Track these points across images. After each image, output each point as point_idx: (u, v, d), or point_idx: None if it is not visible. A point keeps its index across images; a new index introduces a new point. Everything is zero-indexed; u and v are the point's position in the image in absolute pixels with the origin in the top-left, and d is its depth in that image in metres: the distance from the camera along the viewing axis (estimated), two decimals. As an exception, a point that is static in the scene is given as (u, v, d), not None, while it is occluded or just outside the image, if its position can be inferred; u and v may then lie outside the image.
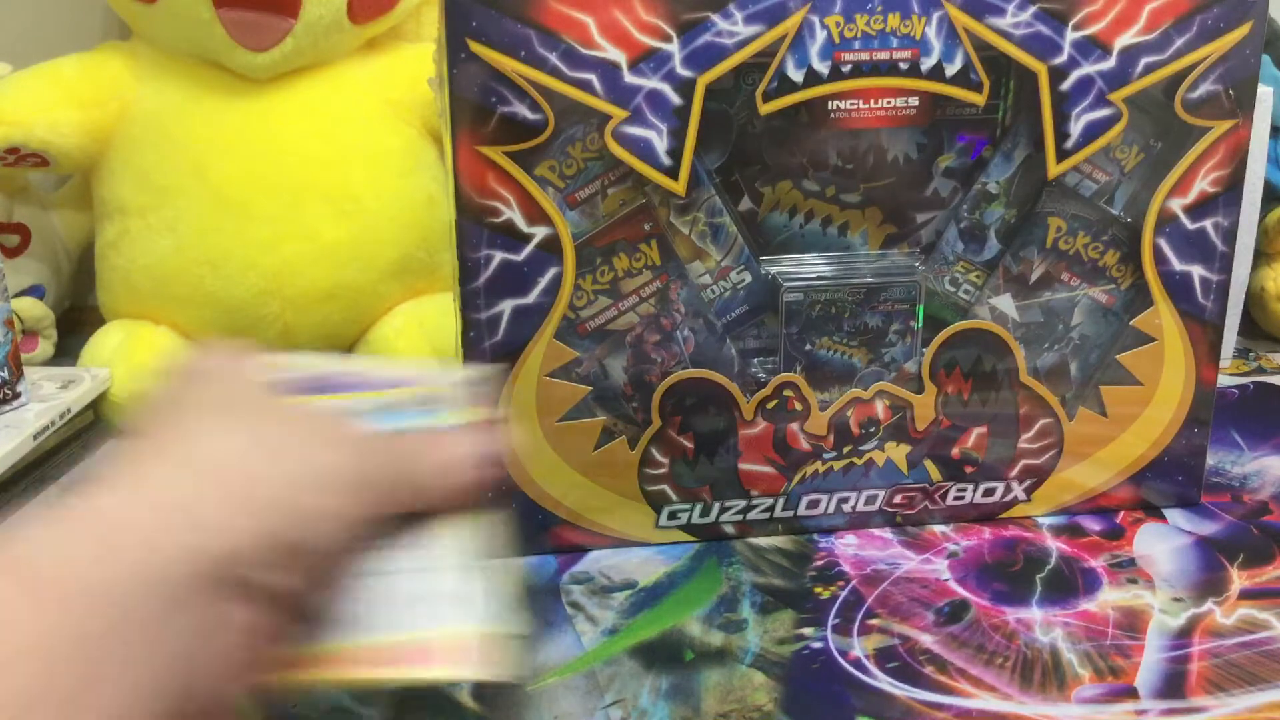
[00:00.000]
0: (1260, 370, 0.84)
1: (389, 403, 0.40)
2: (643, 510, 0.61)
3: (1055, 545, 0.62)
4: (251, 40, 0.74)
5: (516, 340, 0.57)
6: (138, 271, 0.78)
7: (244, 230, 0.76)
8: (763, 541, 0.62)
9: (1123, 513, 0.64)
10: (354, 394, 0.40)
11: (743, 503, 0.61)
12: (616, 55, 0.54)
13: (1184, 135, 0.59)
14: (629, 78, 0.54)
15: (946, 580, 0.59)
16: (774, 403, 0.60)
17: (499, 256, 0.56)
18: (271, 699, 0.34)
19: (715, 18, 0.54)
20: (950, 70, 0.56)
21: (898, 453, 0.62)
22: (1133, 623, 0.55)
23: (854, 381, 0.61)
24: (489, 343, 0.57)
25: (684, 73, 0.55)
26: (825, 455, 0.61)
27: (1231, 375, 0.83)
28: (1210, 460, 0.67)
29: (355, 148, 0.79)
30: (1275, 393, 0.81)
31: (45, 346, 0.84)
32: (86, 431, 0.74)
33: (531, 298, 0.57)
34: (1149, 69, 0.57)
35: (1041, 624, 0.55)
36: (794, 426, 0.60)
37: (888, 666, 0.52)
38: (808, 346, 0.60)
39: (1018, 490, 0.63)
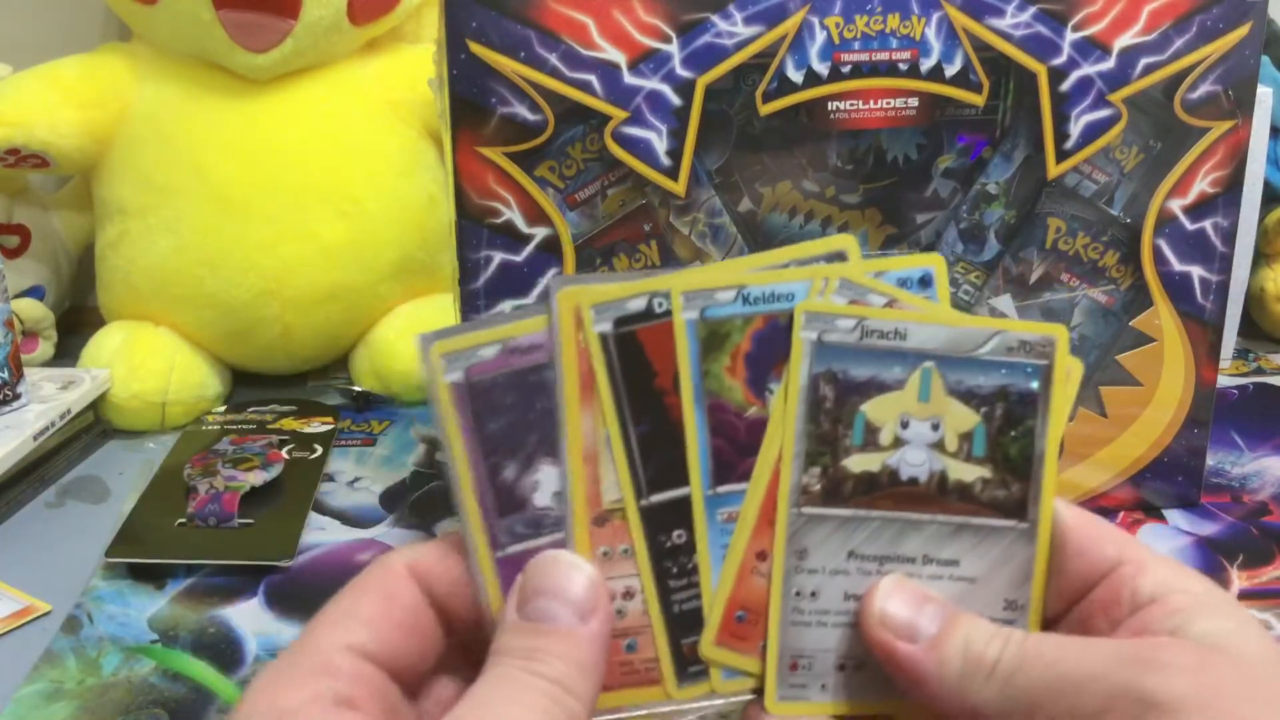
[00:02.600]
0: (1260, 370, 0.84)
1: None
2: (643, 511, 0.61)
3: (1055, 546, 0.62)
4: (251, 41, 0.74)
5: (516, 341, 0.57)
6: (138, 272, 0.78)
7: (244, 231, 0.76)
8: (763, 542, 0.62)
9: (1122, 513, 0.64)
10: None
11: (743, 503, 0.61)
12: (616, 56, 0.54)
13: (1183, 136, 0.59)
14: (629, 78, 0.54)
15: (946, 581, 0.59)
16: (774, 403, 0.60)
17: (499, 257, 0.56)
18: None
19: (715, 18, 0.54)
20: (950, 71, 0.56)
21: (897, 453, 0.62)
22: (1132, 623, 0.55)
23: (854, 382, 0.61)
24: (489, 343, 0.57)
25: (684, 73, 0.55)
26: (825, 456, 0.61)
27: (1231, 375, 0.83)
28: (1210, 461, 0.67)
29: (355, 148, 0.79)
30: (1275, 393, 0.81)
31: (45, 347, 0.84)
32: (87, 432, 0.74)
33: (532, 298, 0.57)
34: (1148, 69, 0.57)
35: (1041, 624, 0.55)
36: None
37: (887, 667, 0.52)
38: (807, 347, 0.60)
39: (1017, 491, 0.63)
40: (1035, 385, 0.31)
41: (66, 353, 0.84)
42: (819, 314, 0.31)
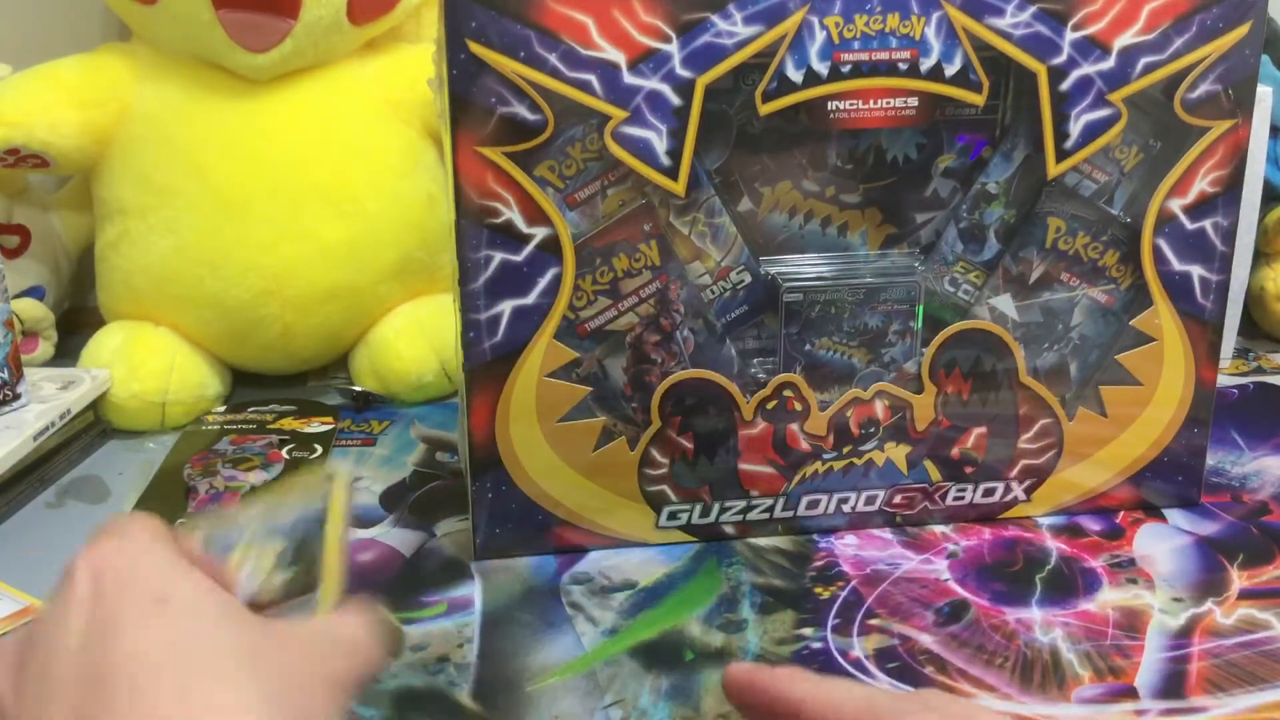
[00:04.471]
0: (1260, 370, 0.84)
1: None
2: (643, 510, 0.61)
3: (1055, 545, 0.62)
4: (251, 41, 0.74)
5: (516, 341, 0.57)
6: (138, 272, 0.78)
7: (244, 231, 0.76)
8: (763, 542, 0.62)
9: (1122, 513, 0.64)
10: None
11: (742, 503, 0.61)
12: (616, 56, 0.54)
13: (1183, 135, 0.59)
14: (628, 78, 0.54)
15: (946, 580, 0.59)
16: (774, 403, 0.60)
17: (499, 257, 0.56)
18: None
19: (715, 18, 0.54)
20: (950, 70, 0.56)
21: (897, 453, 0.62)
22: (1132, 623, 0.55)
23: (854, 382, 0.61)
24: (489, 343, 0.57)
25: (683, 73, 0.55)
26: (825, 455, 0.61)
27: (1231, 375, 0.83)
28: (1210, 460, 0.67)
29: (355, 148, 0.79)
30: (1275, 393, 0.81)
31: (45, 347, 0.84)
32: (86, 433, 0.74)
33: (531, 298, 0.57)
34: (1148, 69, 0.57)
35: (1041, 624, 0.55)
36: (794, 427, 0.60)
37: (887, 666, 0.52)
38: (807, 347, 0.60)
39: (1017, 490, 0.63)
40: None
41: (66, 353, 0.84)
42: None
